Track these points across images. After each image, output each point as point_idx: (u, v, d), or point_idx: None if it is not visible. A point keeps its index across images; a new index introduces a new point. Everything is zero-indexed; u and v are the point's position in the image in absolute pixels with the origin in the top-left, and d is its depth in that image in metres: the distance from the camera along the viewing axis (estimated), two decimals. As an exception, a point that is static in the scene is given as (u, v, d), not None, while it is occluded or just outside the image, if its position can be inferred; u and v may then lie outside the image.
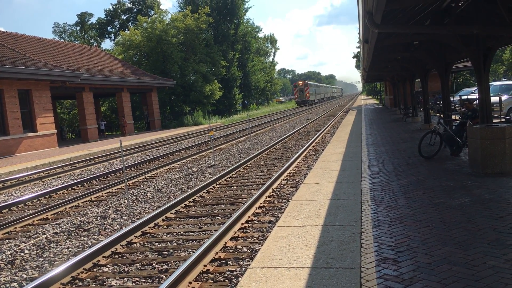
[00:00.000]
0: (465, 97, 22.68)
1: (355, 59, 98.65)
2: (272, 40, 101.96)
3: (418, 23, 10.33)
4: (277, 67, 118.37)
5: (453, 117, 14.15)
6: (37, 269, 6.35)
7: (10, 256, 7.02)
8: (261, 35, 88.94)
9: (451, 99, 18.25)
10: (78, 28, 75.90)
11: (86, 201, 11.04)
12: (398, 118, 26.71)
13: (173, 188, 11.55)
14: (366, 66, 21.25)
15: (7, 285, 5.82)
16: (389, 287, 4.10)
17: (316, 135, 21.47)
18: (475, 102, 12.56)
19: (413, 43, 13.74)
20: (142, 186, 12.40)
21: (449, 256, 4.72)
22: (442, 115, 12.00)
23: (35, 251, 7.18)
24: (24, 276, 6.10)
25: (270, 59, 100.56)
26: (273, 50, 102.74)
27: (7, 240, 8.06)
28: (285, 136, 22.89)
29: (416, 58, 16.32)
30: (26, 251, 7.21)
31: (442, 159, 10.76)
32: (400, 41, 12.47)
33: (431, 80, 20.52)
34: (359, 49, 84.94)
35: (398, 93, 33.64)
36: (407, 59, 17.63)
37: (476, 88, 24.26)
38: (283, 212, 7.59)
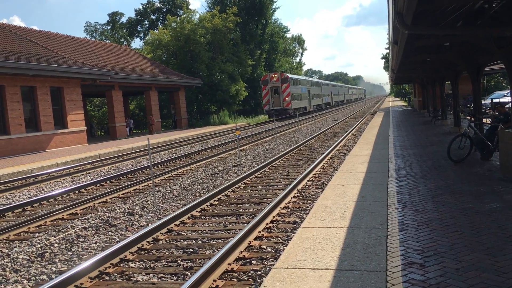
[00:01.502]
0: (497, 100, 22.17)
1: (383, 60, 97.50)
2: (299, 41, 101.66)
3: (450, 24, 10.14)
4: (304, 68, 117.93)
5: (484, 120, 13.84)
6: (66, 262, 6.51)
7: (40, 249, 7.20)
8: (288, 35, 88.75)
9: (482, 102, 17.85)
10: (109, 27, 77.28)
11: (114, 197, 11.23)
12: (426, 120, 26.28)
13: (199, 187, 11.65)
14: (394, 68, 20.97)
15: (37, 277, 5.98)
16: (415, 292, 4.05)
17: (342, 137, 21.30)
18: (507, 106, 12.26)
19: (443, 44, 13.49)
20: (168, 184, 12.55)
21: (477, 262, 4.63)
22: (472, 118, 11.74)
23: (64, 245, 7.35)
24: (53, 269, 6.25)
25: (297, 59, 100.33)
26: (300, 50, 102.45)
27: (37, 234, 8.28)
28: (311, 137, 22.79)
29: (447, 60, 16.02)
30: (56, 245, 7.39)
31: (472, 163, 10.54)
32: (431, 43, 12.25)
33: (462, 82, 20.11)
34: (387, 50, 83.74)
35: (427, 95, 33.09)
36: (437, 61, 17.30)
37: (508, 91, 23.62)
38: (308, 213, 7.56)
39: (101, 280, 5.69)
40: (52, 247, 7.26)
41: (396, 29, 8.61)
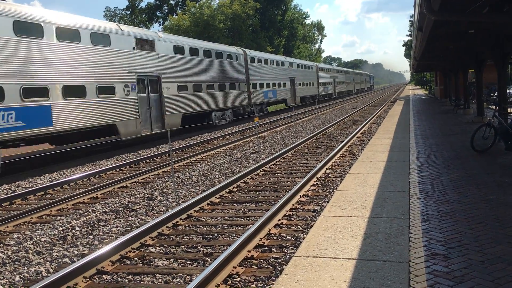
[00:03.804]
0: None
1: (404, 48, 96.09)
2: (319, 27, 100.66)
3: (475, 11, 9.87)
4: (323, 55, 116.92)
5: (509, 110, 13.53)
6: (87, 246, 6.58)
7: (62, 232, 7.31)
8: (308, 21, 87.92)
9: (507, 91, 17.43)
10: (128, 12, 77.43)
11: (134, 182, 11.32)
12: (448, 109, 25.85)
13: (218, 173, 11.66)
14: (417, 55, 20.60)
15: (59, 260, 6.06)
16: (439, 284, 3.98)
17: (362, 125, 21.09)
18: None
19: (468, 32, 13.17)
20: (187, 169, 12.59)
21: (503, 254, 4.54)
22: (497, 108, 11.48)
23: (86, 229, 7.44)
24: (75, 252, 6.34)
25: (317, 46, 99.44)
26: (319, 37, 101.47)
27: (59, 217, 8.40)
28: (329, 124, 22.62)
29: (471, 47, 15.66)
30: (77, 228, 7.48)
31: (496, 154, 10.33)
32: (456, 30, 11.97)
33: (485, 70, 19.65)
34: (409, 38, 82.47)
35: (449, 83, 32.50)
36: (461, 49, 16.94)
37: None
38: (328, 202, 7.51)
39: (122, 264, 5.74)
40: (73, 231, 7.36)
41: (422, 15, 8.42)
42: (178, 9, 66.89)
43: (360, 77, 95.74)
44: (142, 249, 6.24)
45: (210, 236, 6.61)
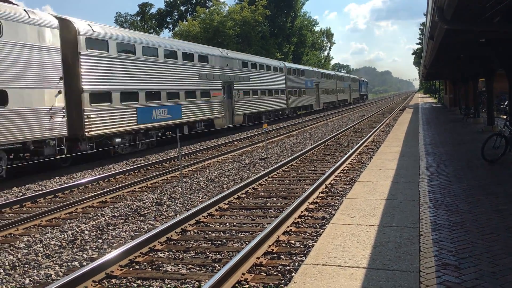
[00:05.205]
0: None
1: (413, 56, 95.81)
2: (328, 34, 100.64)
3: (487, 20, 9.84)
4: (332, 62, 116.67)
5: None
6: (97, 250, 6.60)
7: (71, 235, 7.34)
8: (317, 28, 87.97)
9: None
10: (139, 18, 77.99)
11: (142, 186, 11.36)
12: (458, 118, 25.71)
13: (226, 179, 11.67)
14: (427, 63, 20.53)
15: (69, 263, 6.08)
16: (450, 295, 3.95)
17: (371, 133, 21.02)
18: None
19: (479, 41, 13.10)
20: (195, 175, 12.61)
21: (515, 266, 4.49)
22: (508, 117, 11.39)
23: (95, 232, 7.46)
24: (85, 256, 6.36)
25: (325, 53, 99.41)
26: (328, 44, 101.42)
27: (68, 220, 8.45)
28: (338, 132, 22.58)
29: (482, 56, 15.58)
30: (86, 232, 7.51)
31: (507, 164, 10.24)
32: (466, 39, 11.92)
33: (495, 80, 19.50)
34: (418, 46, 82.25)
35: (459, 92, 32.32)
36: (472, 58, 16.87)
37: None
38: (337, 209, 7.48)
39: (131, 269, 5.75)
40: (83, 234, 7.39)
41: (434, 24, 8.40)
42: (188, 15, 67.29)
43: (339, 83, 58.64)
44: (151, 254, 6.25)
45: (219, 242, 6.61)
